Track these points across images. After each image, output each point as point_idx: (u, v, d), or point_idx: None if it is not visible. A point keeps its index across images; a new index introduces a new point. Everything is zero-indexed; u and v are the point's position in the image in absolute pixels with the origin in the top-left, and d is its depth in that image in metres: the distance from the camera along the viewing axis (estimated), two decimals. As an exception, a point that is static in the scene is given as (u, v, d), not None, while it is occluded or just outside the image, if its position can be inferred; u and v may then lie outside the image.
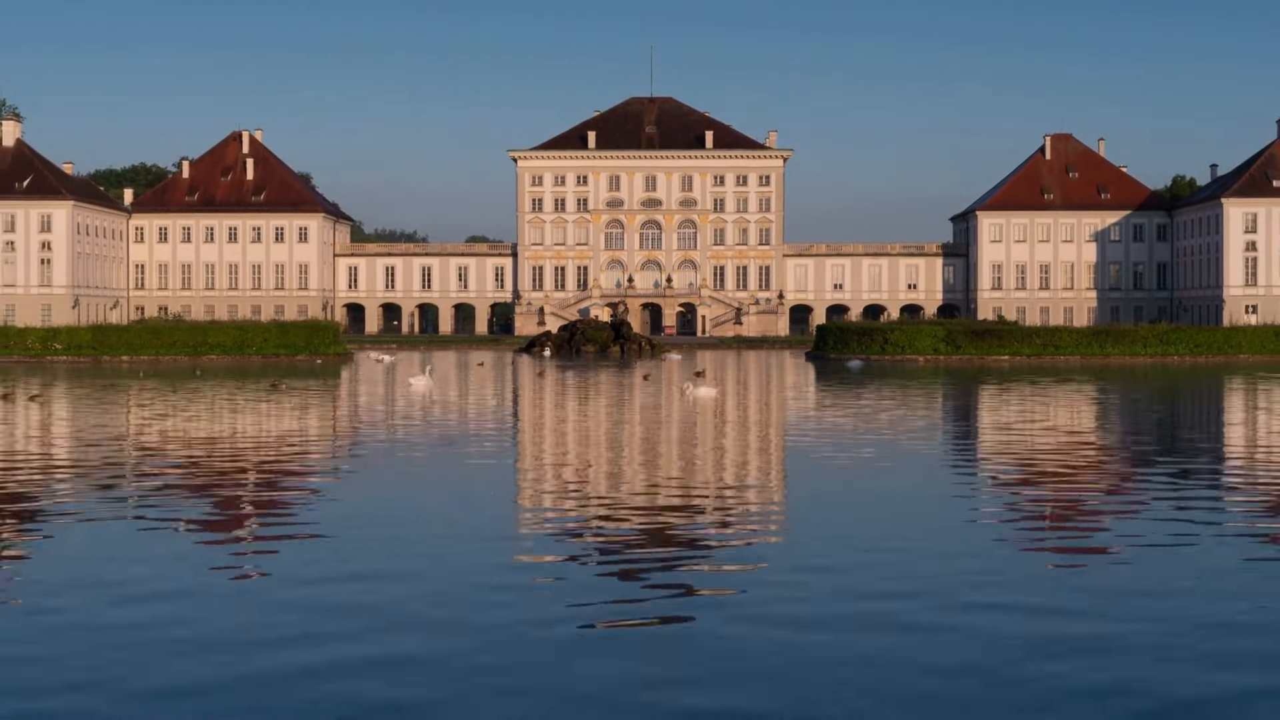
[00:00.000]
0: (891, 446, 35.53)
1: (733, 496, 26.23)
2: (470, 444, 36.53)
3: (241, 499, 25.91)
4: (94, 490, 26.45)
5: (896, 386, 65.10)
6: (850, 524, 22.19)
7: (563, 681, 12.64)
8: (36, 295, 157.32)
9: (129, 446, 35.62)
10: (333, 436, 39.46)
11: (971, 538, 20.85)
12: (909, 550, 19.34)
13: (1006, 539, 20.74)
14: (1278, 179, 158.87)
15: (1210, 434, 41.46)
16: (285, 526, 21.87)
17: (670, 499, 25.18)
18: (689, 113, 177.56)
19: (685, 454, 33.48)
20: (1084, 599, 16.10)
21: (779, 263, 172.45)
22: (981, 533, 21.39)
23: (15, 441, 37.31)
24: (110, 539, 20.64)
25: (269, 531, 21.65)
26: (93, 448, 34.73)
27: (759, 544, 20.46)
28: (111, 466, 30.66)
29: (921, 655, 13.47)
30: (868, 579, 17.32)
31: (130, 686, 12.43)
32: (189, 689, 12.38)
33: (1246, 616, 15.12)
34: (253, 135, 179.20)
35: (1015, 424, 43.30)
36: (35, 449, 35.17)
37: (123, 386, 64.32)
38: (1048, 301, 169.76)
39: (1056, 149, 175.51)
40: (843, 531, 21.22)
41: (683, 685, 12.52)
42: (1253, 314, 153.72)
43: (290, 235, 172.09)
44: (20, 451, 34.34)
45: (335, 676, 12.76)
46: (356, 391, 63.16)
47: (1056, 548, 20.29)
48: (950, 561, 18.57)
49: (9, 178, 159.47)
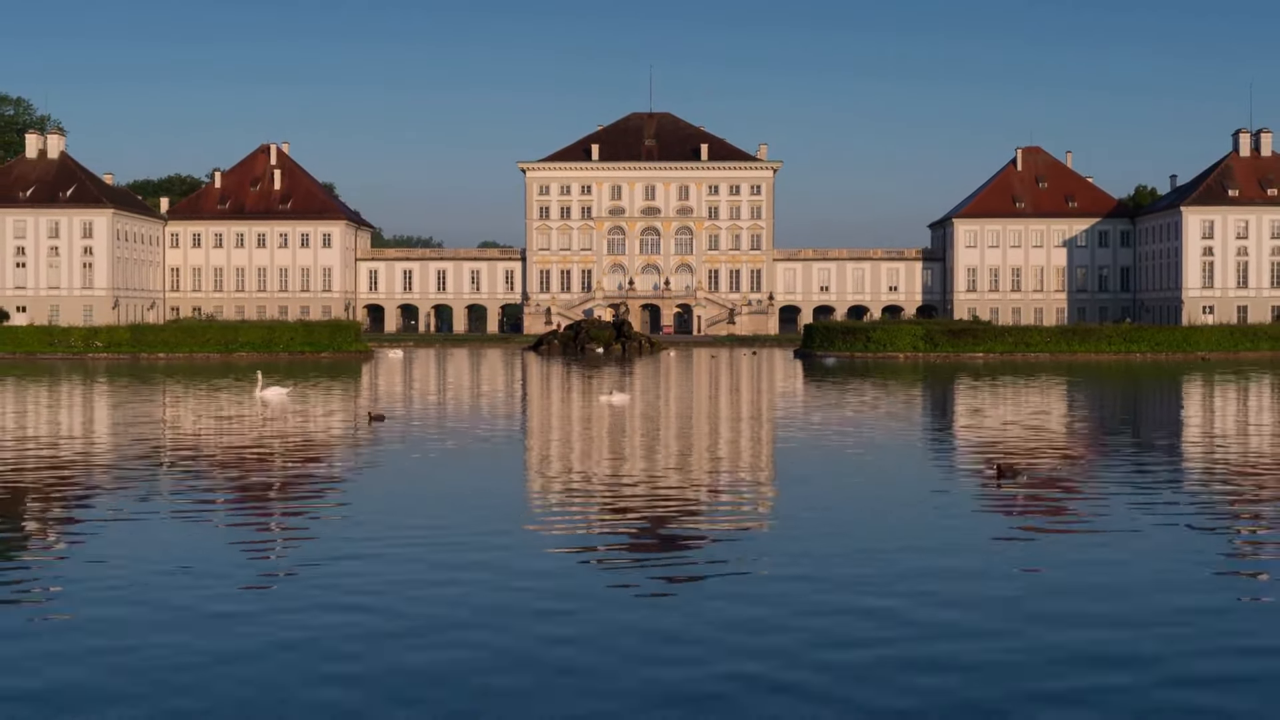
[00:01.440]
0: (878, 433, 35.66)
1: (726, 476, 26.30)
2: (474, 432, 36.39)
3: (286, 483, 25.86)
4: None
5: (878, 382, 65.21)
6: (835, 498, 22.35)
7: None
8: (79, 297, 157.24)
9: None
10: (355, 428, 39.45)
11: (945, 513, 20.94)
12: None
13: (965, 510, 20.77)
14: (1233, 189, 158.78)
15: (1171, 418, 41.52)
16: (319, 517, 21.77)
17: (670, 480, 25.22)
18: (685, 127, 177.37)
19: (684, 440, 33.50)
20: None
21: (769, 267, 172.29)
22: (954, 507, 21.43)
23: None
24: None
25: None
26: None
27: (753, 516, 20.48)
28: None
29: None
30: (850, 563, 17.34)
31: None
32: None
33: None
34: (280, 148, 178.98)
35: (987, 410, 43.37)
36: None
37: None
38: (1019, 303, 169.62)
39: (1027, 160, 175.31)
40: (828, 503, 21.36)
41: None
42: (1209, 314, 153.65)
43: (315, 241, 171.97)
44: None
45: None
46: (376, 385, 63.22)
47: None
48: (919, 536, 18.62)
49: (53, 188, 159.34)
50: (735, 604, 14.88)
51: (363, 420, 40.21)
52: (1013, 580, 16.29)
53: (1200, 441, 35.16)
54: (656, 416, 42.63)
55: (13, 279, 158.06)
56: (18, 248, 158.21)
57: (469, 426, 39.72)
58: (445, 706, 11.34)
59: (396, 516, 21.12)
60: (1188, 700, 11.48)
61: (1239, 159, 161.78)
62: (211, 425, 40.17)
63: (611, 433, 36.70)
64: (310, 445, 33.45)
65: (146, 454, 31.23)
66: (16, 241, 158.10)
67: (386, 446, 32.91)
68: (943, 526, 20.30)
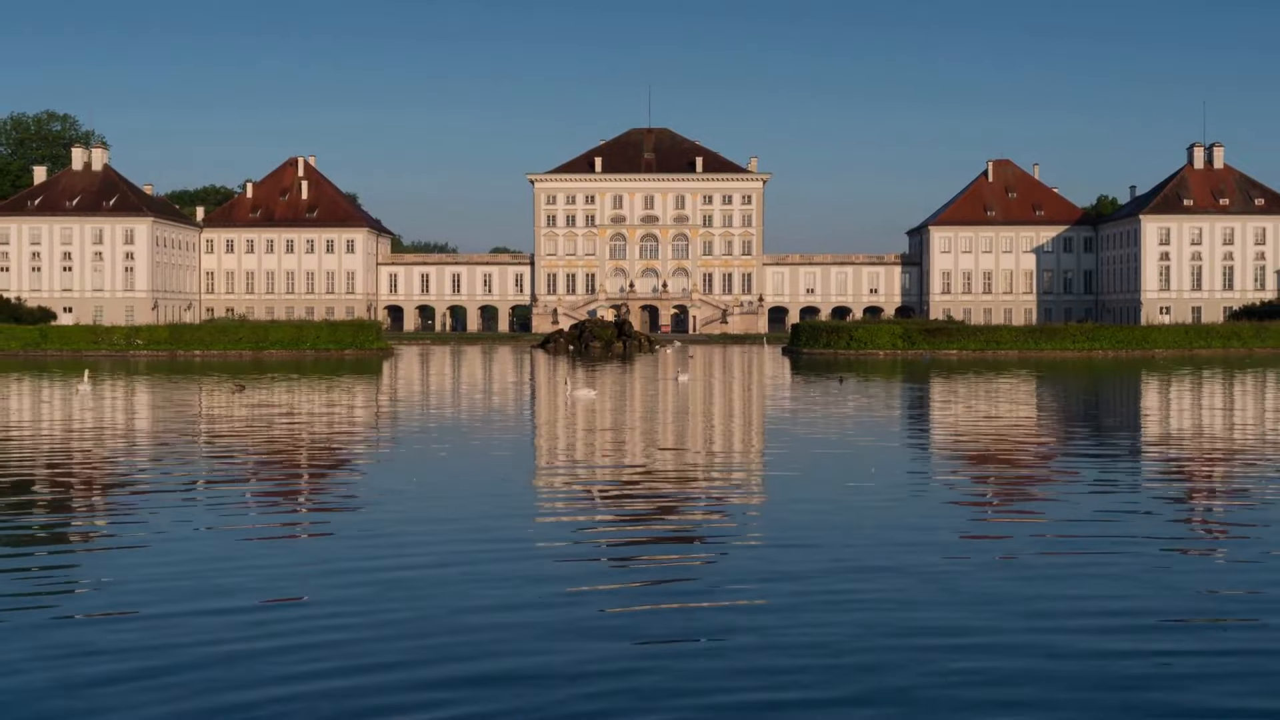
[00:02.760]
0: (861, 417, 35.79)
1: (720, 458, 26.42)
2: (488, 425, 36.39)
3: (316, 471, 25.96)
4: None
5: (861, 376, 65.38)
6: (820, 475, 22.51)
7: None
8: (121, 298, 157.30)
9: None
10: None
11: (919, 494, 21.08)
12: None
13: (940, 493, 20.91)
14: (1188, 199, 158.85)
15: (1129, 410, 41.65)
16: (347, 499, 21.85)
17: (665, 463, 25.33)
18: (682, 142, 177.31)
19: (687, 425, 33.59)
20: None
21: (759, 270, 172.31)
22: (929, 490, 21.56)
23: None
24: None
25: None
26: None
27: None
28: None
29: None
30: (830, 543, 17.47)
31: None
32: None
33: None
34: (307, 161, 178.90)
35: (961, 402, 43.50)
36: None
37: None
38: (990, 304, 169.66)
39: (997, 172, 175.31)
40: (813, 481, 21.50)
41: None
42: (1166, 315, 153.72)
43: (339, 247, 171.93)
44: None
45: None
46: (395, 382, 63.31)
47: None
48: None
49: (97, 197, 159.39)
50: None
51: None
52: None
53: (1153, 425, 35.29)
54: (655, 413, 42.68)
55: (60, 282, 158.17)
56: (64, 253, 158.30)
57: (483, 416, 39.87)
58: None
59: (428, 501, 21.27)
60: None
61: (1193, 171, 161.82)
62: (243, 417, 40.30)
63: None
64: (333, 434, 33.59)
65: (182, 445, 31.34)
66: (63, 247, 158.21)
67: (407, 433, 33.03)
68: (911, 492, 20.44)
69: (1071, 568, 15.41)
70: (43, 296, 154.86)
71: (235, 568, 15.40)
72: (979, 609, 13.37)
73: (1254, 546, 16.98)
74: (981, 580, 14.80)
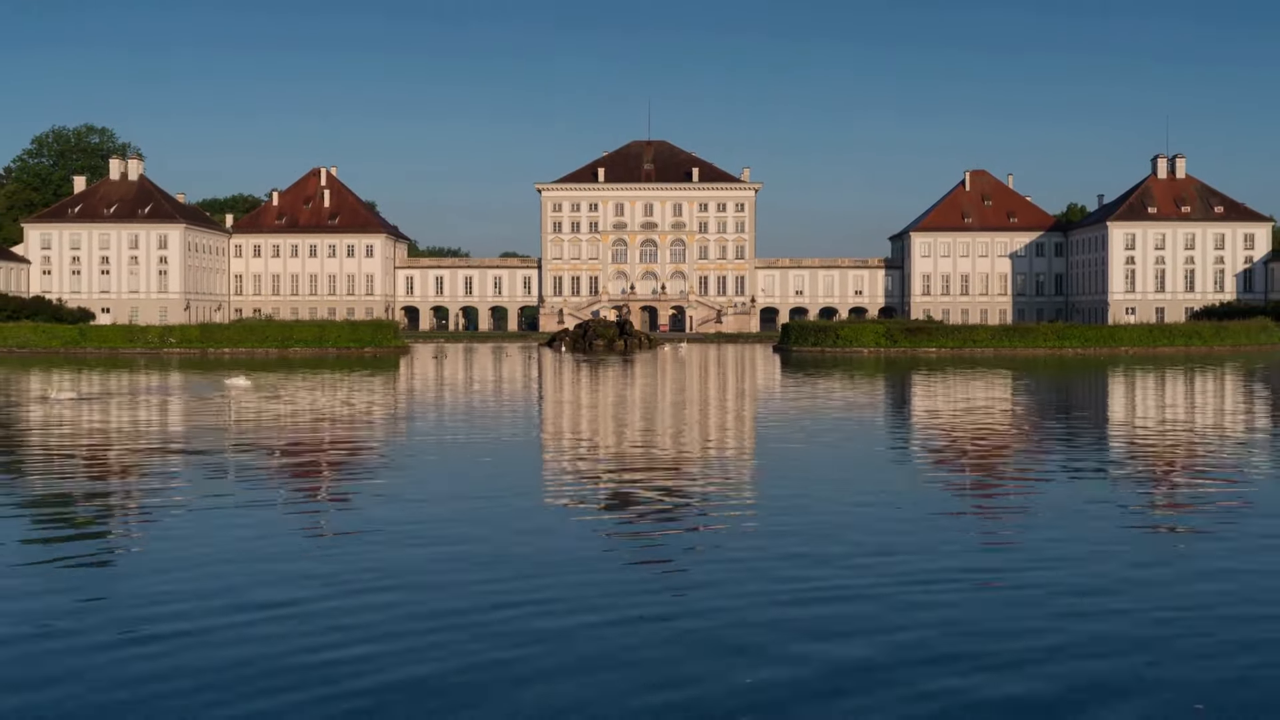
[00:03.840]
0: (847, 408, 35.78)
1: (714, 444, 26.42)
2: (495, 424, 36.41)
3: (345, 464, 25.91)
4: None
5: (845, 372, 65.34)
6: (806, 463, 22.50)
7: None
8: (155, 300, 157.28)
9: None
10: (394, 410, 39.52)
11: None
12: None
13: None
14: (1152, 207, 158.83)
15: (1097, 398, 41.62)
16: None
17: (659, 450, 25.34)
18: (679, 153, 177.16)
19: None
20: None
21: (751, 273, 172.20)
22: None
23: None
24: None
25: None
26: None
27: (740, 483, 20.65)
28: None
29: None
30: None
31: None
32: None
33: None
34: (329, 171, 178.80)
35: (940, 394, 43.47)
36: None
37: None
38: (968, 305, 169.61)
39: (974, 182, 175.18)
40: (801, 473, 21.47)
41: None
42: (1131, 315, 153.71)
43: (359, 252, 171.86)
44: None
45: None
46: (411, 375, 63.24)
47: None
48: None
49: (133, 205, 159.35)
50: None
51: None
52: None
53: (1118, 416, 35.25)
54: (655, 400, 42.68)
55: (98, 284, 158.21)
56: (102, 257, 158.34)
57: (495, 407, 39.84)
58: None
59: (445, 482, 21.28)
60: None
61: (1157, 181, 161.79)
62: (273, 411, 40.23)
63: (631, 406, 36.77)
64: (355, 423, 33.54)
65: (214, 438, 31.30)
66: (101, 252, 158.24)
67: (425, 424, 33.01)
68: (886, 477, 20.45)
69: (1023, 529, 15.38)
70: (82, 298, 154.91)
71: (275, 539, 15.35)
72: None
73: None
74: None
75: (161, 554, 15.05)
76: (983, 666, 10.34)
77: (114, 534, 16.81)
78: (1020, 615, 12.03)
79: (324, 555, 14.95)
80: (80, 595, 12.86)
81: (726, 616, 11.92)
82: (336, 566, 14.17)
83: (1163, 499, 19.99)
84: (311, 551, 15.19)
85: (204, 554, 14.82)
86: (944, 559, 14.56)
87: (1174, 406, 40.94)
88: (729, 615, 11.97)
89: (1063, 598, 12.70)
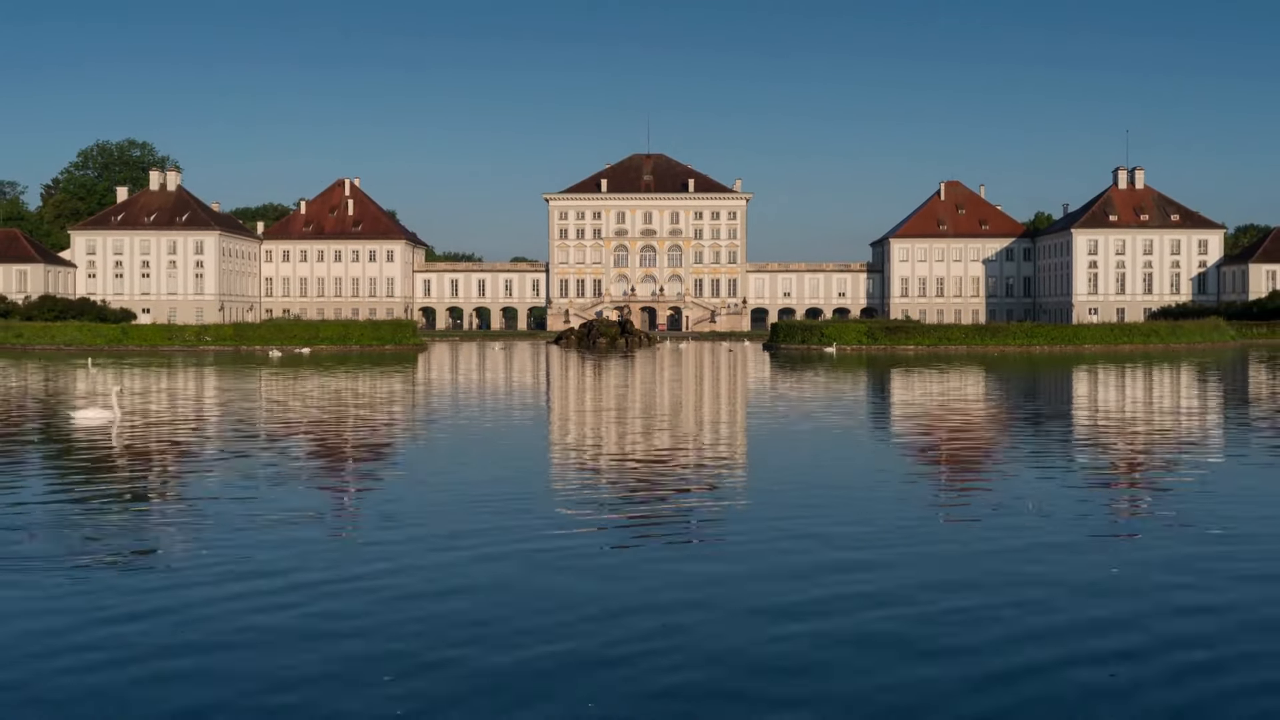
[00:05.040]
0: (832, 398, 35.83)
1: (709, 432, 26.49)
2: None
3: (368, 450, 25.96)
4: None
5: (828, 367, 65.37)
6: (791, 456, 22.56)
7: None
8: (192, 301, 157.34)
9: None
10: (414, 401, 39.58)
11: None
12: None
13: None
14: (1113, 215, 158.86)
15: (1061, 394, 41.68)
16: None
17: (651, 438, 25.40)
18: (676, 165, 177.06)
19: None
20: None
21: (743, 277, 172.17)
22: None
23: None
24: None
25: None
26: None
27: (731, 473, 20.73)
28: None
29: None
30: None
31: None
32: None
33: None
34: (353, 182, 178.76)
35: (915, 382, 43.53)
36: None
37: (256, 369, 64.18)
38: (943, 306, 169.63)
39: (949, 192, 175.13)
40: (787, 464, 21.54)
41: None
42: (1094, 315, 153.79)
43: (380, 257, 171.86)
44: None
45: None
46: (429, 371, 63.28)
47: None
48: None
49: (172, 214, 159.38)
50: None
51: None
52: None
53: (1081, 408, 35.32)
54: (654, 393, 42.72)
55: (139, 286, 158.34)
56: (143, 262, 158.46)
57: (506, 398, 39.91)
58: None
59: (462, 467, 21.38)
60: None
61: (1118, 191, 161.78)
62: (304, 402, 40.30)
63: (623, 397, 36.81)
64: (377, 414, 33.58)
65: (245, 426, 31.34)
66: (142, 256, 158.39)
67: (442, 409, 33.08)
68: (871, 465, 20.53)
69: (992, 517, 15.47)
70: (124, 299, 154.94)
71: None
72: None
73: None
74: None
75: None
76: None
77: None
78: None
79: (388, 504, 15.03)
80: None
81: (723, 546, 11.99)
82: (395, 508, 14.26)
83: (1123, 481, 20.04)
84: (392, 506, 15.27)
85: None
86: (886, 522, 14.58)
87: (1134, 400, 40.99)
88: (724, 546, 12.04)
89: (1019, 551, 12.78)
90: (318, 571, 12.51)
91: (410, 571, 12.45)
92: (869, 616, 10.85)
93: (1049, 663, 9.55)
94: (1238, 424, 31.19)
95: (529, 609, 10.97)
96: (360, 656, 9.61)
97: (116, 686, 8.98)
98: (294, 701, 8.64)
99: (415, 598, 11.37)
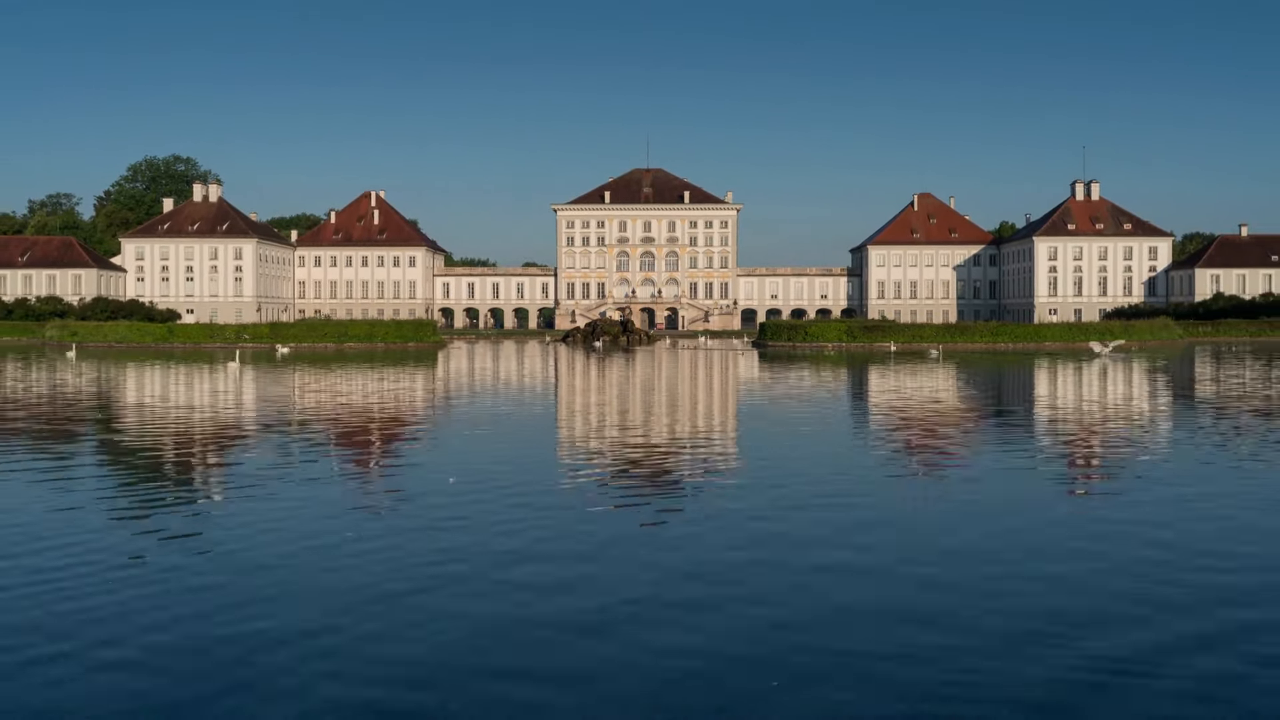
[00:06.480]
0: (822, 392, 35.74)
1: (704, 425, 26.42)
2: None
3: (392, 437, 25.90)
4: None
5: (812, 362, 65.30)
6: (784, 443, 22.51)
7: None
8: (232, 302, 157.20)
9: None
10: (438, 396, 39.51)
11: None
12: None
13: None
14: (1071, 224, 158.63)
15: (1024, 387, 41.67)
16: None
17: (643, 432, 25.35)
18: (673, 178, 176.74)
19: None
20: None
21: (734, 280, 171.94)
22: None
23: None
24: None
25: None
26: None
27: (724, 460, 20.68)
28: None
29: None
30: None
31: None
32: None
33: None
34: (378, 194, 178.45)
35: (896, 375, 43.49)
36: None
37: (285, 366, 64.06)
38: (916, 307, 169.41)
39: (921, 203, 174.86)
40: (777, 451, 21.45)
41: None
42: (1054, 315, 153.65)
43: (403, 262, 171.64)
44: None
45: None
46: (448, 367, 63.26)
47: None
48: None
49: (213, 223, 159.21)
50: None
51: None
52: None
53: (1043, 402, 35.29)
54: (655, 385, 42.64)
55: (184, 289, 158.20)
56: (187, 266, 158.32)
57: (517, 391, 39.87)
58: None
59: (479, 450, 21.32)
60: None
61: (1075, 202, 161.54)
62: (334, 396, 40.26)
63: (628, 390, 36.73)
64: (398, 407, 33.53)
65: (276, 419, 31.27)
66: (186, 262, 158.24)
67: (460, 399, 33.02)
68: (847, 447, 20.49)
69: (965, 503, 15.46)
70: (170, 301, 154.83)
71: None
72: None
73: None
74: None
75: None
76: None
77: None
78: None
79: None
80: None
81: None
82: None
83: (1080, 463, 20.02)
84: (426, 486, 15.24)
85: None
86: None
87: (1090, 387, 40.98)
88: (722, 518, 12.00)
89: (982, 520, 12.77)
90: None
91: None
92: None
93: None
94: (1185, 409, 31.12)
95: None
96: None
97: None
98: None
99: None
